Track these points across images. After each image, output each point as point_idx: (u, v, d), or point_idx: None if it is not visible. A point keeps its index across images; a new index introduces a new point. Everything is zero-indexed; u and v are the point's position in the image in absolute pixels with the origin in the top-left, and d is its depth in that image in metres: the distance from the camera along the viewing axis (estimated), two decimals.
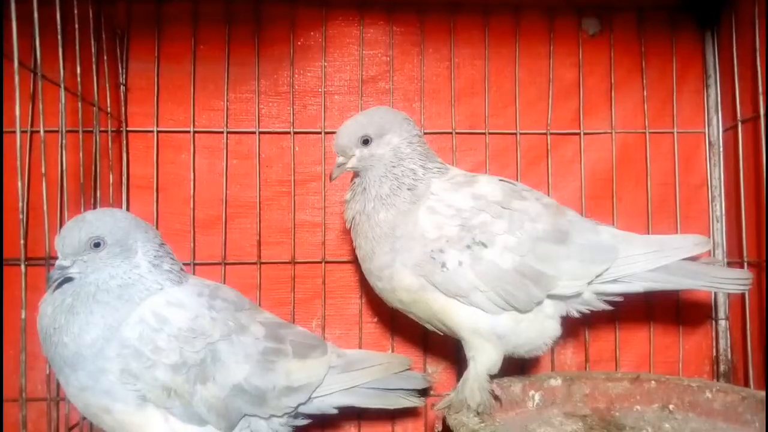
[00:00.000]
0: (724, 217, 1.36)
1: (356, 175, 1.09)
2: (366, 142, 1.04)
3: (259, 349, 0.99)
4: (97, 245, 0.91)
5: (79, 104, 1.13)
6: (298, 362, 1.03)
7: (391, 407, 1.15)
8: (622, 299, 1.11)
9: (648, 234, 1.33)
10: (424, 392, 1.18)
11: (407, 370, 1.14)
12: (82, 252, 0.91)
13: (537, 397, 1.15)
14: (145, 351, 0.90)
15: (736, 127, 1.27)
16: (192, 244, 1.30)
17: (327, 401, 1.08)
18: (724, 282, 1.10)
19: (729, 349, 1.33)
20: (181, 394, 0.92)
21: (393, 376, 1.13)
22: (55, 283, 0.93)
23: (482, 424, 0.96)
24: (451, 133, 1.35)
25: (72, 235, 0.91)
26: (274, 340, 1.02)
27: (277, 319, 1.10)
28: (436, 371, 1.34)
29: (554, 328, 1.05)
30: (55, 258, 0.95)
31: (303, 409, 1.05)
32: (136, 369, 0.89)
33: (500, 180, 1.08)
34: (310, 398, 1.04)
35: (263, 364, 0.99)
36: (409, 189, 1.03)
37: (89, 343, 0.89)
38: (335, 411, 1.10)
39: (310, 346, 1.06)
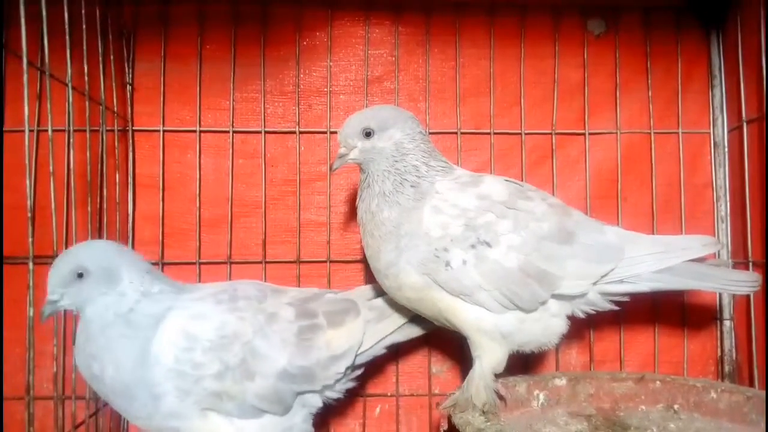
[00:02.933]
0: (728, 218, 1.36)
1: (361, 172, 1.09)
2: (368, 134, 1.04)
3: (294, 331, 1.01)
4: (80, 275, 0.92)
5: (86, 103, 1.13)
6: (334, 331, 1.05)
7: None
8: (628, 299, 1.10)
9: (653, 234, 1.32)
10: None
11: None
12: (67, 284, 0.92)
13: (542, 396, 1.15)
14: (186, 370, 0.93)
15: (741, 127, 1.27)
16: (197, 243, 1.31)
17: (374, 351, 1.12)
18: (731, 284, 1.10)
19: (734, 350, 1.33)
20: (233, 395, 0.95)
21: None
22: (44, 320, 0.94)
23: (487, 423, 0.96)
24: (456, 132, 1.35)
25: (56, 269, 0.93)
26: (306, 317, 1.04)
27: (305, 292, 1.11)
28: (441, 371, 1.34)
29: (560, 326, 1.05)
30: None
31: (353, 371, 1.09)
32: (185, 386, 0.92)
33: (506, 180, 1.08)
34: (356, 357, 1.07)
35: (301, 343, 1.01)
36: (412, 186, 1.03)
37: (129, 380, 0.92)
38: (385, 351, 1.14)
39: (342, 312, 1.08)
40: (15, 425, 1.10)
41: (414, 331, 1.17)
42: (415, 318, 1.14)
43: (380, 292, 1.15)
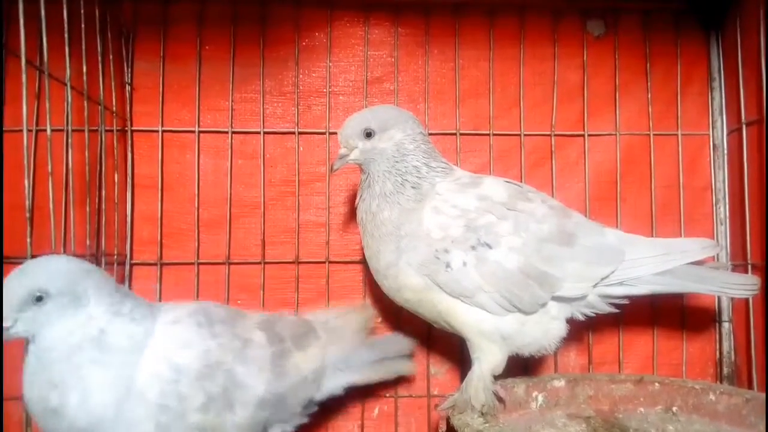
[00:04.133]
0: (728, 220, 1.35)
1: (361, 172, 1.09)
2: (369, 135, 1.04)
3: (268, 356, 0.98)
4: (39, 299, 0.81)
5: (85, 103, 1.13)
6: (301, 354, 1.04)
7: (391, 376, 1.21)
8: (627, 302, 1.10)
9: (652, 236, 1.33)
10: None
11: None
12: (22, 308, 0.80)
13: (540, 398, 1.15)
14: (171, 404, 0.85)
15: (740, 129, 1.27)
16: (196, 244, 1.30)
17: (336, 383, 1.09)
18: (730, 287, 1.10)
19: (733, 352, 1.33)
20: (214, 427, 0.89)
21: (382, 345, 1.19)
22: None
23: (486, 425, 0.96)
24: (455, 134, 1.35)
25: (10, 290, 0.80)
26: (277, 341, 1.02)
27: (265, 315, 1.09)
28: (440, 372, 1.34)
29: (559, 329, 1.05)
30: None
31: (316, 396, 1.07)
32: (166, 421, 0.85)
33: (506, 181, 1.08)
34: (320, 384, 1.06)
35: (275, 369, 0.98)
36: (413, 187, 1.03)
37: (98, 414, 0.81)
38: (343, 392, 1.12)
39: (305, 335, 1.07)
40: (13, 426, 1.10)
41: (373, 376, 1.16)
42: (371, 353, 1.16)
43: (333, 314, 1.18)
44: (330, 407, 1.15)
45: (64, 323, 0.82)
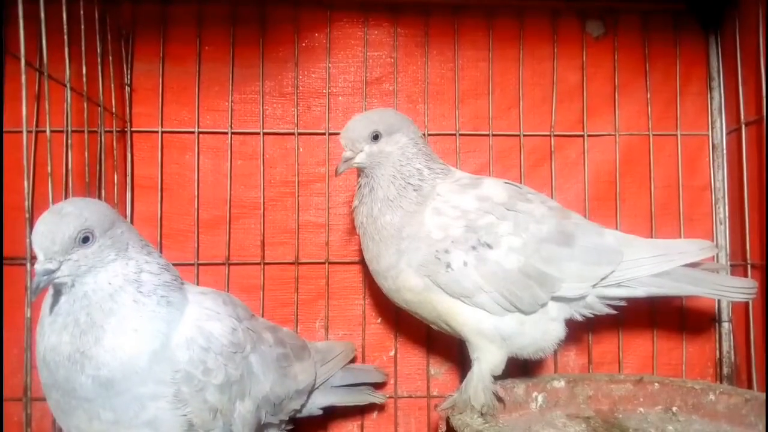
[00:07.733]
0: (727, 220, 1.36)
1: (361, 175, 1.09)
2: (376, 137, 1.04)
3: (274, 356, 0.99)
4: (86, 240, 0.77)
5: (85, 104, 1.13)
6: (299, 365, 1.05)
7: (361, 403, 1.24)
8: (625, 304, 1.11)
9: (651, 236, 1.33)
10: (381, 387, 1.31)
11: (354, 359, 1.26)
12: (69, 250, 0.75)
13: (540, 398, 1.15)
14: (197, 374, 0.82)
15: (739, 129, 1.27)
16: (196, 244, 1.30)
17: (315, 402, 1.11)
18: (728, 290, 1.10)
19: (732, 352, 1.33)
20: (224, 413, 0.86)
21: (359, 372, 1.23)
22: (37, 293, 0.76)
23: (486, 425, 0.96)
24: (454, 134, 1.35)
25: (55, 230, 0.75)
26: (280, 345, 1.03)
27: (266, 321, 1.11)
28: (440, 372, 1.34)
29: (558, 330, 1.05)
30: None
31: (300, 411, 1.07)
32: (187, 393, 0.81)
33: (506, 182, 1.08)
34: (308, 397, 1.07)
35: (280, 371, 0.99)
36: (415, 190, 1.03)
37: (126, 362, 0.77)
38: (320, 412, 1.14)
39: (302, 348, 1.08)
40: (13, 427, 1.10)
41: (348, 399, 1.21)
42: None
43: (318, 342, 1.21)
44: (329, 407, 1.15)
45: (109, 267, 0.79)
